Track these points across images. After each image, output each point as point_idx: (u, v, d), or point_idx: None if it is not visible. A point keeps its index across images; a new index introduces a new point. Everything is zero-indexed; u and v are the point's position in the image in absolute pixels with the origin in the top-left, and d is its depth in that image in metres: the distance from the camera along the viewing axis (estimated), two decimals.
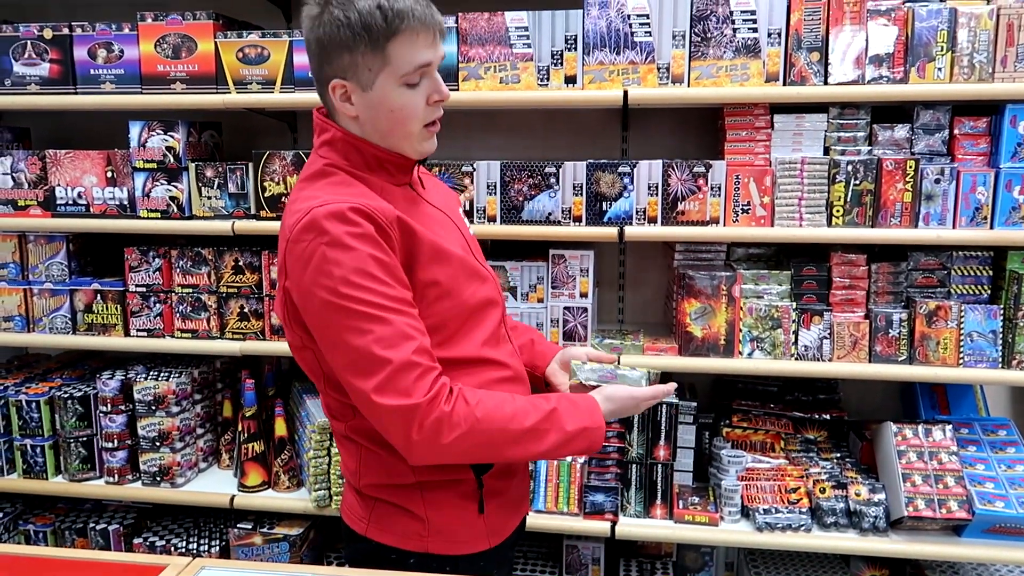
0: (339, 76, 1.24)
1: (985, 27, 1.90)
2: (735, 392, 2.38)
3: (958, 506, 1.96)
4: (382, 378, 1.17)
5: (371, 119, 1.27)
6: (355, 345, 1.17)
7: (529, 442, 1.25)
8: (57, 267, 2.39)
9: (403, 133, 1.29)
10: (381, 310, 1.18)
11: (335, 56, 1.23)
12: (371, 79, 1.24)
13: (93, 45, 2.24)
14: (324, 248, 1.17)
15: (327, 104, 1.31)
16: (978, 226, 1.98)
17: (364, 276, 1.17)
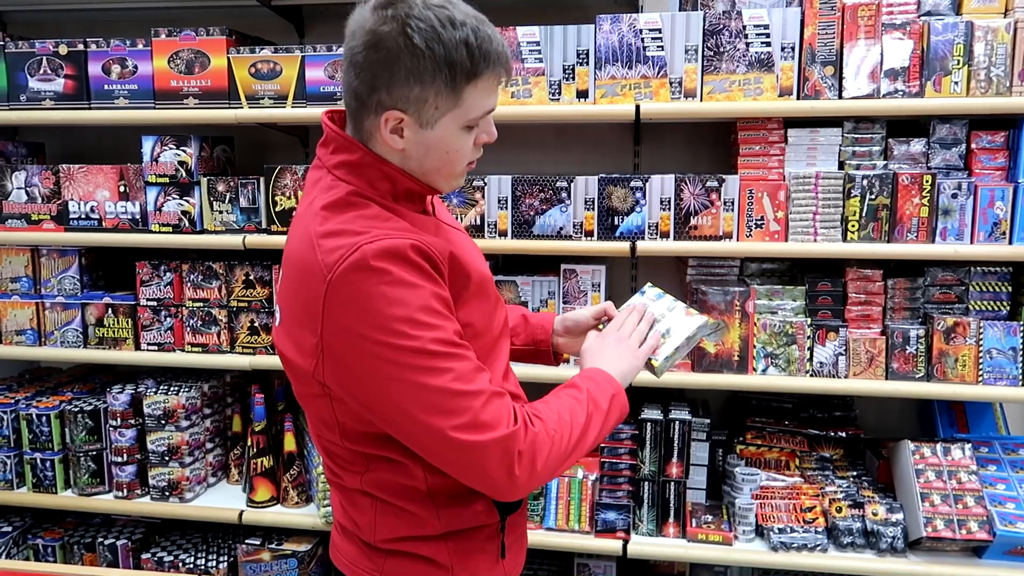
0: (398, 108, 1.10)
1: (1002, 40, 1.88)
2: (749, 409, 2.35)
3: (978, 527, 1.91)
4: (470, 416, 1.06)
5: (420, 156, 1.14)
6: (434, 386, 1.05)
7: (588, 434, 1.19)
8: (69, 281, 2.40)
9: (448, 172, 1.19)
10: (455, 347, 1.08)
11: (401, 85, 1.08)
12: (435, 118, 1.11)
13: (107, 61, 2.26)
14: (384, 288, 1.04)
15: (363, 127, 1.14)
16: (997, 241, 1.95)
17: (432, 314, 1.07)
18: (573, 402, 1.21)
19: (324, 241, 1.09)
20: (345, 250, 1.06)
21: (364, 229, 1.08)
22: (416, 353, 1.05)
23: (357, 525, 1.26)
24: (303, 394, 1.21)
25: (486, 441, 1.07)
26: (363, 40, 1.09)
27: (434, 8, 1.07)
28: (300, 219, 1.18)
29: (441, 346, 1.07)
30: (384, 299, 1.04)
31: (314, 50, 2.15)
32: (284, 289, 1.18)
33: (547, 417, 1.16)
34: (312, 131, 2.56)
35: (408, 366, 1.05)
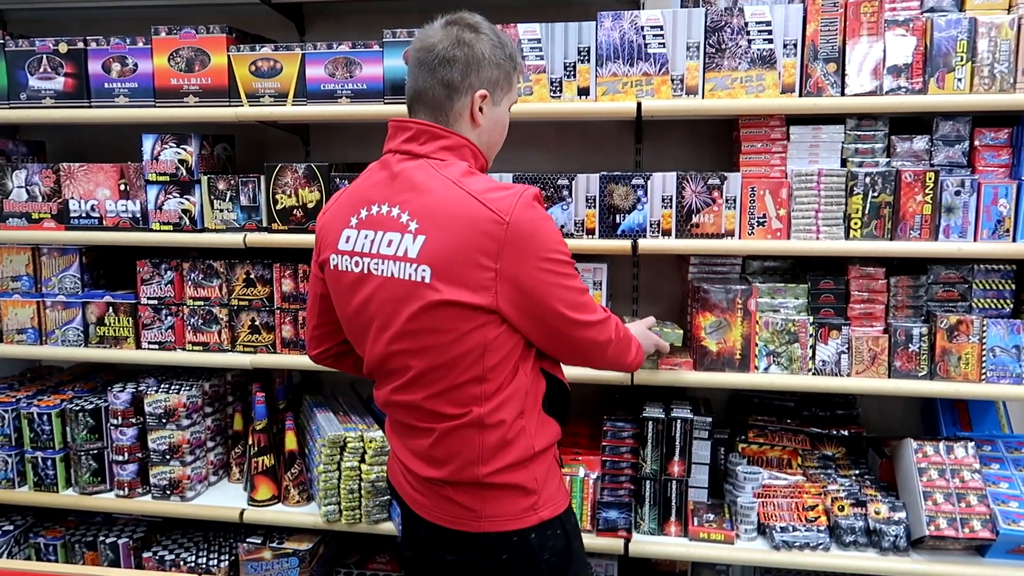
0: (485, 87, 1.46)
1: (1006, 36, 1.87)
2: (751, 407, 2.34)
3: (981, 525, 1.91)
4: (601, 317, 1.50)
5: (489, 129, 1.51)
6: (575, 287, 1.44)
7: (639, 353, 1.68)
8: (70, 280, 2.39)
9: (497, 147, 1.58)
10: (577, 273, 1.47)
11: (487, 70, 1.45)
12: (500, 98, 1.51)
13: (108, 59, 2.25)
14: (544, 221, 1.40)
15: (452, 111, 1.45)
16: (1000, 239, 1.94)
17: (565, 245, 1.45)
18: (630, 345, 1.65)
19: (487, 195, 1.38)
20: (512, 198, 1.37)
21: (508, 184, 1.44)
22: (566, 264, 1.43)
23: (470, 462, 1.45)
24: (462, 332, 1.39)
25: (615, 337, 1.54)
26: (450, 42, 1.43)
27: (487, 22, 1.50)
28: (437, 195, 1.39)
29: (574, 269, 1.45)
30: (549, 229, 1.41)
31: (314, 48, 2.14)
32: (439, 248, 1.37)
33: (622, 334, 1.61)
34: (313, 129, 2.56)
35: (565, 273, 1.42)
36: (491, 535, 1.47)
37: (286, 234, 2.20)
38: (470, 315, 1.38)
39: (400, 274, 1.39)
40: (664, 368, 2.10)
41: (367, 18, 2.45)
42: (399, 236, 1.40)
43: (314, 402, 2.41)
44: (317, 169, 2.18)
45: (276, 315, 2.28)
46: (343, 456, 2.15)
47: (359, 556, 2.42)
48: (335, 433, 2.15)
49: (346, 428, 2.19)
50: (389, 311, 1.42)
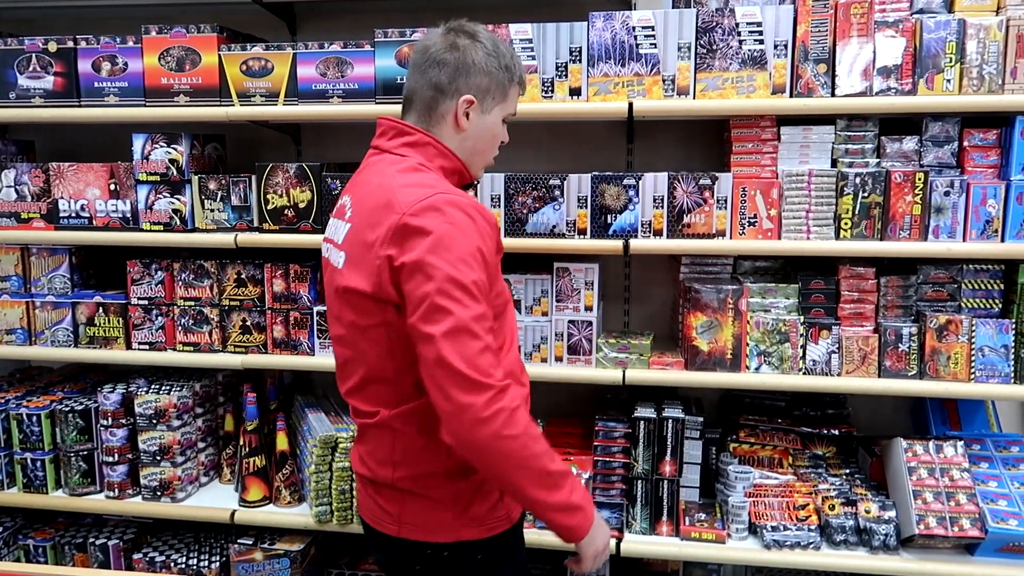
0: (471, 92, 1.46)
1: (994, 38, 1.88)
2: (742, 407, 2.35)
3: (970, 524, 1.92)
4: (475, 351, 1.27)
5: (476, 136, 1.50)
6: (459, 316, 1.28)
7: (542, 483, 1.34)
8: (59, 280, 2.38)
9: (487, 158, 1.56)
10: (481, 295, 1.32)
11: (476, 77, 1.46)
12: (491, 107, 1.50)
13: (97, 58, 2.24)
14: (448, 227, 1.31)
15: (436, 112, 1.47)
16: (989, 239, 1.95)
17: (474, 261, 1.32)
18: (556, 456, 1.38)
19: (403, 190, 1.37)
20: (419, 196, 1.34)
21: (434, 184, 1.39)
22: (456, 285, 1.29)
23: (384, 462, 1.46)
24: (363, 326, 1.41)
25: (472, 378, 1.26)
26: (444, 46, 1.46)
27: (488, 33, 1.51)
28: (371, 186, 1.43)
29: (474, 288, 1.30)
30: (447, 235, 1.31)
31: (306, 47, 2.14)
32: (353, 234, 1.42)
33: (531, 422, 1.34)
34: (304, 128, 2.55)
35: (447, 293, 1.28)
36: (407, 542, 1.47)
37: (277, 234, 2.20)
38: (369, 306, 1.38)
39: (334, 260, 1.48)
40: (656, 368, 2.10)
41: (359, 18, 2.45)
42: (342, 224, 1.48)
43: (305, 402, 2.40)
44: (308, 169, 2.17)
45: (267, 315, 2.27)
46: (334, 456, 2.14)
47: (350, 557, 2.41)
48: (326, 433, 2.15)
49: (337, 428, 2.19)
50: (330, 296, 1.52)
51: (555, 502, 1.35)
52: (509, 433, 1.28)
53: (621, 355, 2.13)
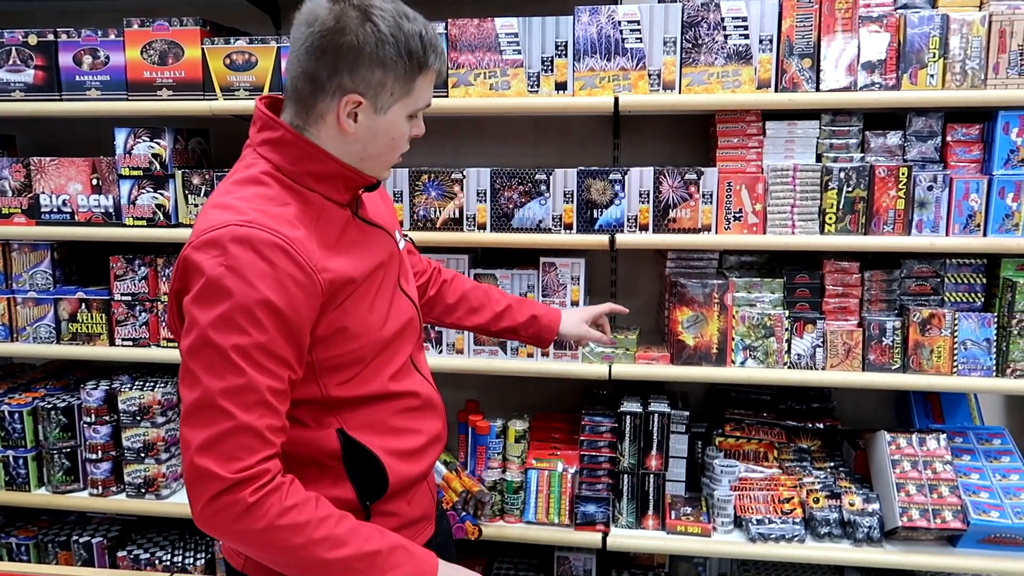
0: (358, 92, 1.17)
1: (977, 33, 1.89)
2: (728, 401, 2.36)
3: (953, 516, 1.94)
4: (213, 433, 1.07)
5: (365, 140, 1.22)
6: (206, 386, 1.08)
7: (337, 572, 1.13)
8: (41, 276, 2.35)
9: (387, 160, 1.28)
10: (248, 362, 1.08)
11: (364, 70, 1.15)
12: (388, 104, 1.20)
13: (79, 51, 2.21)
14: (221, 271, 1.08)
15: (314, 110, 1.20)
16: (971, 233, 1.96)
17: (248, 319, 1.08)
18: (351, 538, 1.13)
19: (210, 211, 1.15)
20: (217, 224, 1.11)
21: (248, 210, 1.13)
22: (210, 346, 1.08)
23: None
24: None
25: (201, 467, 1.06)
26: (326, 26, 1.14)
27: (391, 3, 1.17)
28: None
29: (235, 353, 1.07)
30: (216, 283, 1.08)
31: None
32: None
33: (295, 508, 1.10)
34: None
35: (198, 353, 1.08)
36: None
37: None
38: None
39: None
40: (641, 362, 2.11)
41: None
42: None
43: None
44: None
45: None
46: None
47: None
48: None
49: None
50: None
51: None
52: (252, 527, 1.08)
53: (607, 350, 2.13)
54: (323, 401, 1.24)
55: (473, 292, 1.75)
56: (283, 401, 1.14)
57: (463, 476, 2.08)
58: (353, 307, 1.22)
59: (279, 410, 1.13)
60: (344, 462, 1.27)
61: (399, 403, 1.33)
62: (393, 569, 1.14)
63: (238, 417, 1.07)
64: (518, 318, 1.74)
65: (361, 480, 1.28)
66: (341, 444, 1.26)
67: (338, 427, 1.26)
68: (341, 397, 1.25)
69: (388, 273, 1.32)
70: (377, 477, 1.28)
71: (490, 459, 2.19)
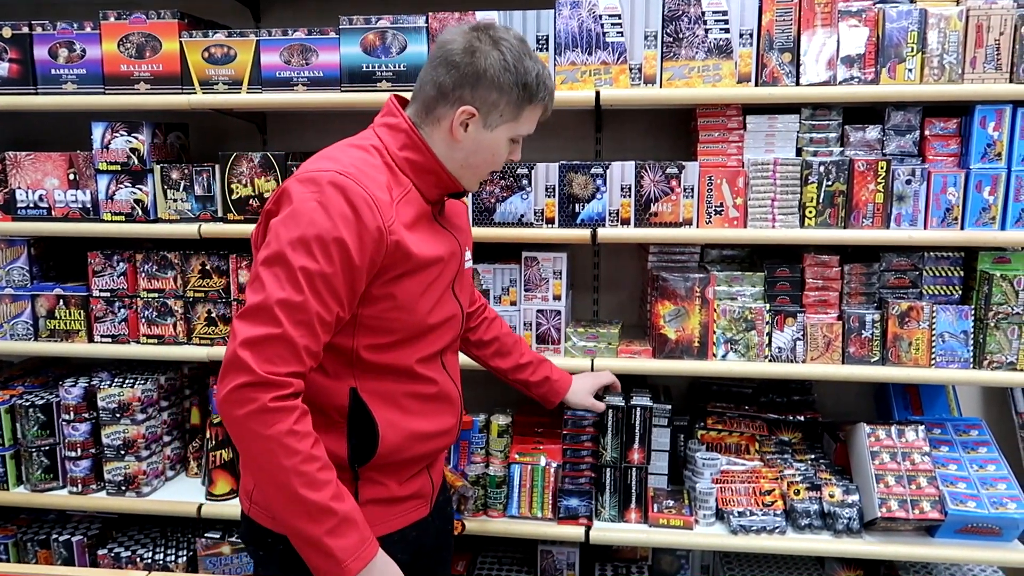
0: (475, 105, 1.37)
1: (955, 28, 1.91)
2: (710, 394, 2.37)
3: (931, 507, 1.96)
4: (261, 336, 1.21)
5: (470, 150, 1.41)
6: (269, 294, 1.22)
7: (295, 508, 1.24)
8: (18, 272, 2.33)
9: (481, 173, 1.47)
10: (309, 285, 1.23)
11: (484, 89, 1.36)
12: (497, 123, 1.40)
13: (54, 44, 2.18)
14: (312, 204, 1.25)
15: (433, 112, 1.39)
16: (949, 227, 1.98)
17: (322, 249, 1.23)
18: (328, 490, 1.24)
19: (316, 158, 1.34)
20: (323, 166, 1.29)
21: (353, 164, 1.31)
22: (283, 262, 1.23)
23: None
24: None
25: (242, 360, 1.20)
26: (462, 47, 1.36)
27: (518, 42, 1.39)
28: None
29: (302, 274, 1.23)
30: (306, 211, 1.24)
31: (269, 34, 2.10)
32: None
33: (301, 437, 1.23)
34: (269, 117, 2.51)
35: (272, 265, 1.24)
36: (254, 523, 1.46)
37: (242, 224, 2.17)
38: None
39: None
40: (624, 356, 2.11)
41: (324, 5, 2.41)
42: None
43: None
44: (273, 158, 2.15)
45: (233, 307, 2.24)
46: None
47: None
48: None
49: None
50: None
51: (306, 535, 1.24)
52: (257, 430, 1.21)
53: (590, 344, 2.13)
54: (349, 355, 1.36)
55: (507, 338, 1.91)
56: (326, 332, 1.27)
57: (446, 471, 2.08)
58: (407, 283, 1.36)
59: (320, 338, 1.26)
60: (348, 421, 1.37)
61: (418, 386, 1.44)
62: (339, 537, 1.25)
63: (285, 327, 1.21)
64: (534, 377, 1.92)
65: (357, 444, 1.38)
66: (350, 402, 1.37)
67: (353, 385, 1.37)
68: (367, 359, 1.37)
69: (447, 271, 1.45)
70: (370, 442, 1.38)
71: (473, 454, 2.19)
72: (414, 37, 2.05)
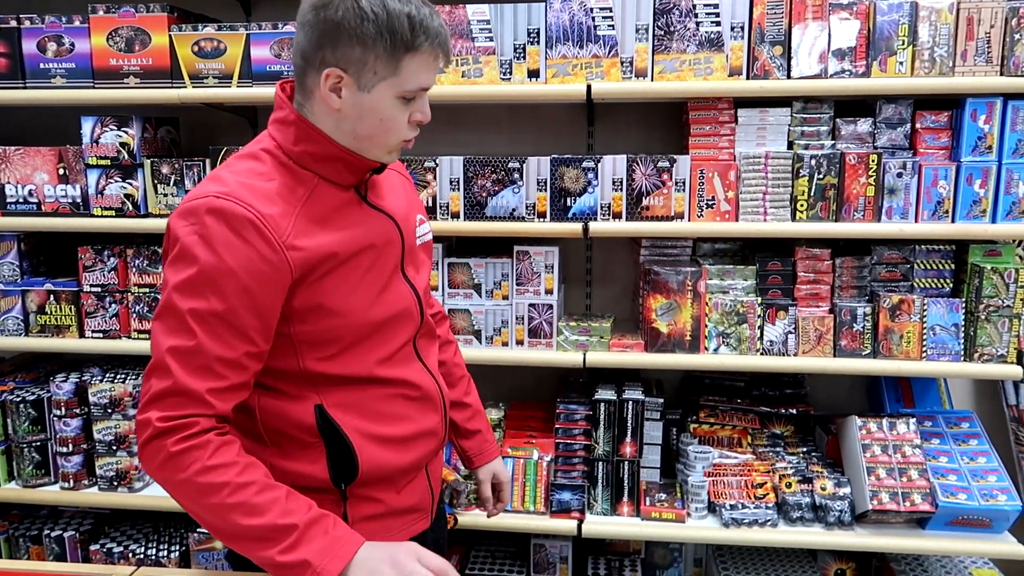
0: (339, 66, 1.17)
1: (945, 21, 1.90)
2: (702, 388, 2.37)
3: (922, 499, 1.96)
4: (158, 388, 1.14)
5: (354, 119, 1.21)
6: (159, 343, 1.15)
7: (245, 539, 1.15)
8: (8, 267, 2.31)
9: (380, 142, 1.25)
10: (203, 327, 1.13)
11: (344, 45, 1.16)
12: (372, 82, 1.19)
13: (43, 38, 2.17)
14: (195, 239, 1.14)
15: (305, 86, 1.22)
16: (940, 220, 1.98)
17: (210, 285, 1.13)
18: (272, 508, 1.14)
19: (204, 182, 1.22)
20: (196, 194, 1.18)
21: (233, 183, 1.18)
22: (169, 309, 1.15)
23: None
24: None
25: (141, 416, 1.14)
26: (318, 3, 1.17)
27: None
28: None
29: (191, 317, 1.13)
30: (188, 249, 1.14)
31: (259, 28, 2.09)
32: None
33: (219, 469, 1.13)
34: (260, 111, 2.50)
35: (164, 311, 1.15)
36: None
37: None
38: None
39: None
40: (616, 350, 2.11)
41: None
42: None
43: None
44: None
45: None
46: None
47: None
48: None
49: None
50: None
51: (267, 558, 1.13)
52: (173, 477, 1.13)
53: (582, 338, 2.13)
54: (301, 374, 1.26)
55: (455, 368, 1.67)
56: (236, 372, 1.17)
57: None
58: (333, 285, 1.23)
59: (227, 377, 1.16)
60: (323, 439, 1.28)
61: (388, 389, 1.32)
62: (306, 544, 1.14)
63: (177, 377, 1.13)
64: (468, 424, 1.66)
65: (335, 460, 1.28)
66: (317, 420, 1.27)
67: (317, 402, 1.27)
68: (321, 373, 1.26)
69: (382, 257, 1.30)
70: (348, 460, 1.28)
71: None
72: None
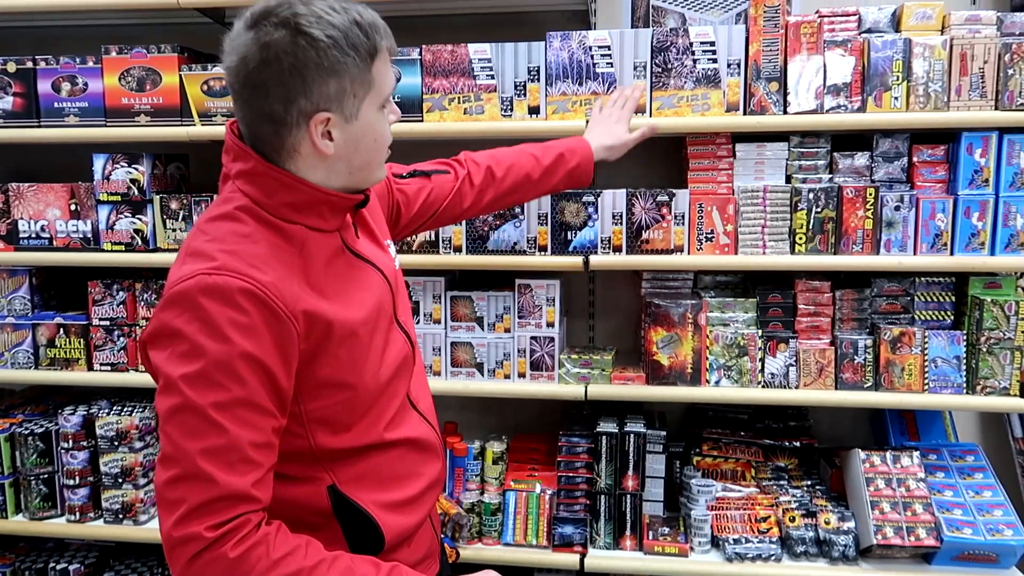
0: (321, 108, 1.09)
1: (939, 57, 1.93)
2: (706, 420, 2.37)
3: (926, 533, 1.94)
4: (198, 501, 1.01)
5: (349, 153, 1.14)
6: (185, 448, 1.02)
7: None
8: (19, 301, 2.36)
9: (377, 162, 1.19)
10: (230, 418, 1.03)
11: (316, 84, 1.06)
12: (355, 107, 1.11)
13: (57, 78, 2.23)
14: (196, 326, 1.03)
15: (284, 148, 1.12)
16: (939, 252, 1.99)
17: (227, 373, 1.03)
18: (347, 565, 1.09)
19: (184, 259, 1.11)
20: (183, 275, 1.06)
21: (218, 253, 1.07)
22: (186, 407, 1.03)
23: None
24: None
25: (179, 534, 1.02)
26: (258, 59, 1.06)
27: (309, 2, 1.07)
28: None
29: (214, 410, 1.02)
30: (188, 341, 1.03)
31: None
32: None
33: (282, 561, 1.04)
34: None
35: (175, 414, 1.03)
36: None
37: None
38: None
39: None
40: (617, 383, 2.12)
41: None
42: None
43: None
44: None
45: None
46: None
47: None
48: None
49: None
50: None
51: None
52: None
53: (583, 371, 2.14)
54: (312, 454, 1.18)
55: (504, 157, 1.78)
56: (268, 454, 1.08)
57: (441, 498, 2.08)
58: (346, 356, 1.16)
59: (263, 464, 1.07)
60: (338, 519, 1.21)
61: (396, 451, 1.27)
62: None
63: (220, 481, 1.02)
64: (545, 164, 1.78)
65: (356, 539, 1.22)
66: (332, 501, 1.20)
67: (329, 483, 1.20)
68: (332, 449, 1.19)
69: (381, 316, 1.24)
70: (372, 534, 1.22)
71: (468, 481, 2.19)
72: (408, 69, 2.08)
